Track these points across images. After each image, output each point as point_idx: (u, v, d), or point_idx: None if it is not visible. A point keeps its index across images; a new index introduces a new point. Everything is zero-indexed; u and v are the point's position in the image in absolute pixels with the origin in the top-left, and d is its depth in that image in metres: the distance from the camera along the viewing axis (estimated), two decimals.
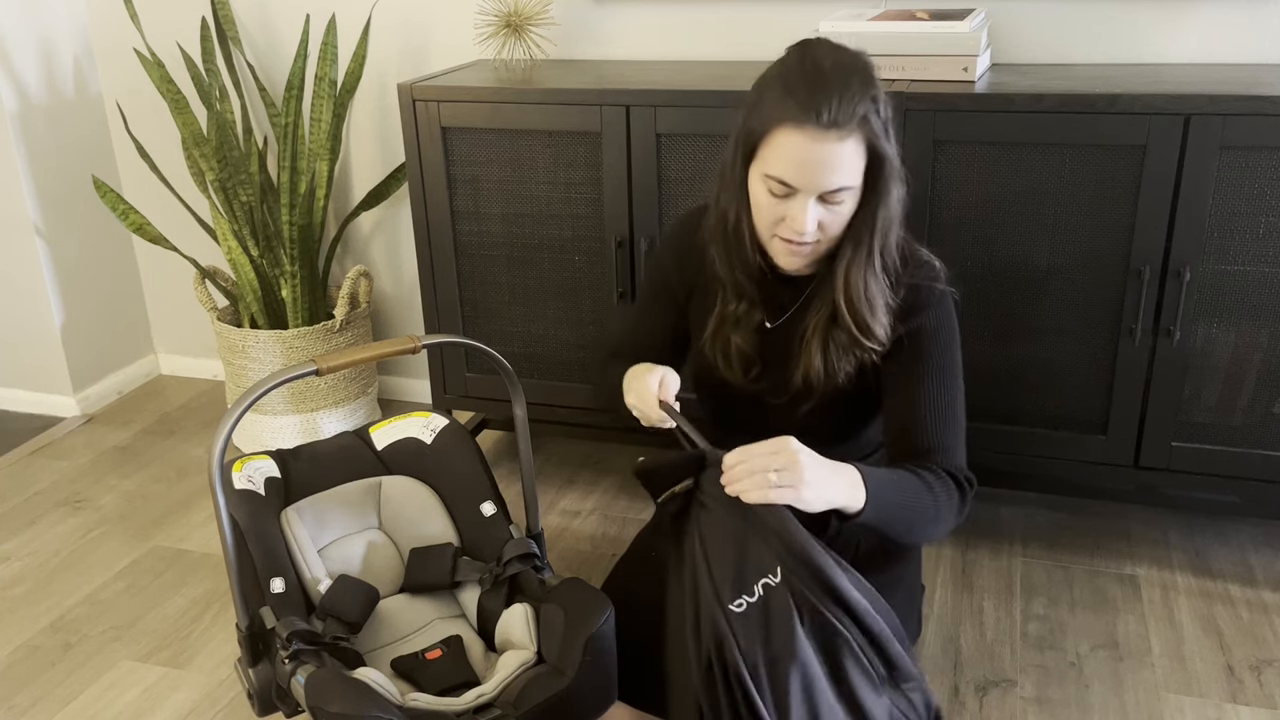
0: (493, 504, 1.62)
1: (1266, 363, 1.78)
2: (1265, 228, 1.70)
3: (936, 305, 1.44)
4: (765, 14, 2.19)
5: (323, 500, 1.65)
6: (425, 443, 1.70)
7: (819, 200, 1.34)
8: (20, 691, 1.78)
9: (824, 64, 1.32)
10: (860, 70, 1.33)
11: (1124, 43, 2.03)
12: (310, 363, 1.32)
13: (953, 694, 1.69)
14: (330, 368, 1.33)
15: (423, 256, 2.18)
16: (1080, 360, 1.86)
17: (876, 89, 1.33)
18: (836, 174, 1.32)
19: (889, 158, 1.34)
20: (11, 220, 2.60)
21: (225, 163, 2.38)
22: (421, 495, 1.68)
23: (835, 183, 1.32)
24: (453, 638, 1.53)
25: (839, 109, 1.29)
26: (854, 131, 1.30)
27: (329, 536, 1.64)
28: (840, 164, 1.31)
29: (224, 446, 1.28)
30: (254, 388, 1.28)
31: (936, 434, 1.43)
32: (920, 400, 1.44)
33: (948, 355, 1.45)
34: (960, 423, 1.46)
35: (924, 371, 1.44)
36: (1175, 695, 1.67)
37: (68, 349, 2.72)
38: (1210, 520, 2.12)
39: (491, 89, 2.02)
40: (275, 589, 1.46)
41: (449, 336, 1.44)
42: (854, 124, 1.30)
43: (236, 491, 1.55)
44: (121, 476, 2.46)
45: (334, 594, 1.51)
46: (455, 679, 1.44)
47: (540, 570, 1.53)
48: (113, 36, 2.65)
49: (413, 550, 1.63)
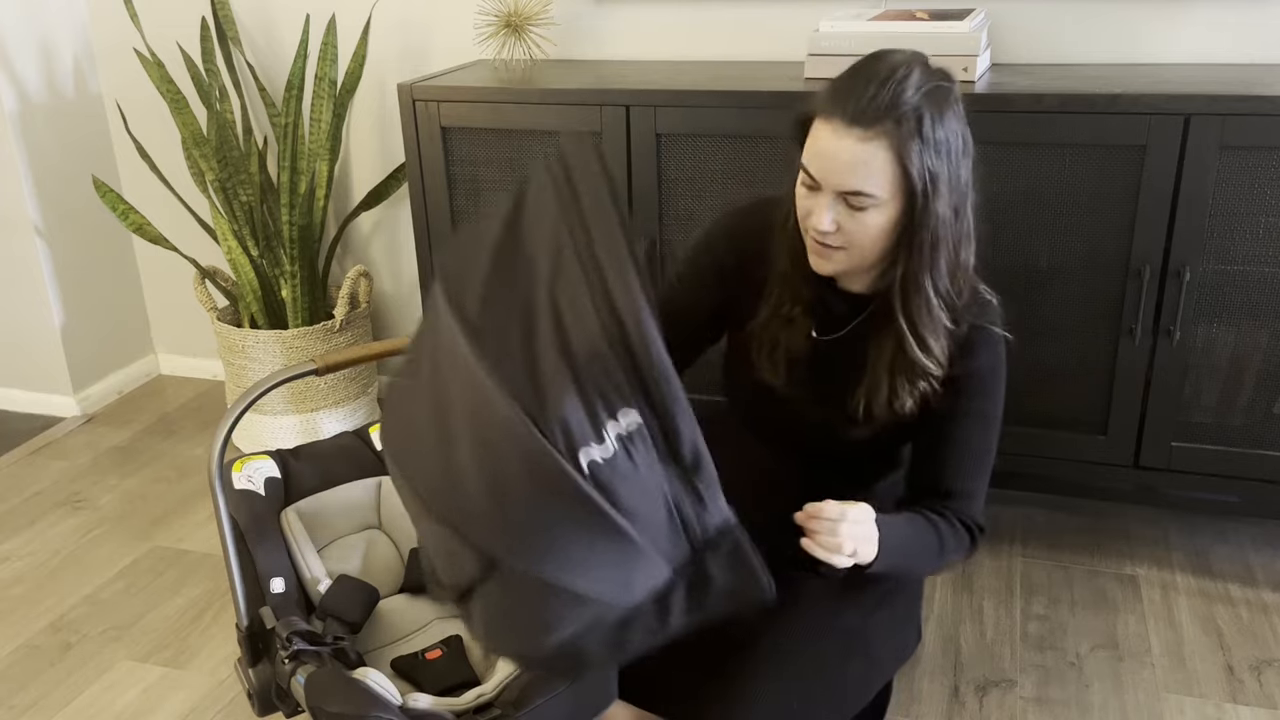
0: None
1: (1266, 363, 1.77)
2: (1265, 228, 1.70)
3: (992, 349, 1.40)
4: (765, 14, 2.19)
5: (323, 500, 1.65)
6: None
7: (841, 199, 1.28)
8: (20, 691, 1.78)
9: (881, 63, 1.26)
10: (918, 81, 1.24)
11: (1124, 43, 2.03)
12: (310, 362, 1.32)
13: (953, 694, 1.69)
14: (329, 366, 1.32)
15: (423, 256, 2.18)
16: (1080, 360, 1.86)
17: (933, 105, 1.24)
18: (854, 174, 1.25)
19: (928, 178, 1.25)
20: (11, 220, 2.60)
21: (225, 163, 2.38)
22: None
23: (853, 184, 1.25)
24: (452, 637, 1.52)
25: (868, 106, 1.22)
26: (881, 135, 1.23)
27: (329, 536, 1.64)
28: (859, 164, 1.24)
29: (223, 446, 1.28)
30: (254, 388, 1.28)
31: (962, 479, 1.41)
32: (956, 441, 1.41)
33: (991, 402, 1.42)
34: (987, 471, 1.43)
35: (966, 413, 1.41)
36: (1175, 695, 1.67)
37: (68, 349, 2.72)
38: (1210, 520, 2.12)
39: (491, 89, 2.02)
40: (275, 589, 1.46)
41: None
42: (881, 127, 1.22)
43: (237, 492, 1.55)
44: (121, 476, 2.46)
45: (334, 594, 1.51)
46: (455, 679, 1.44)
47: None
48: (113, 36, 2.65)
49: (413, 550, 1.62)
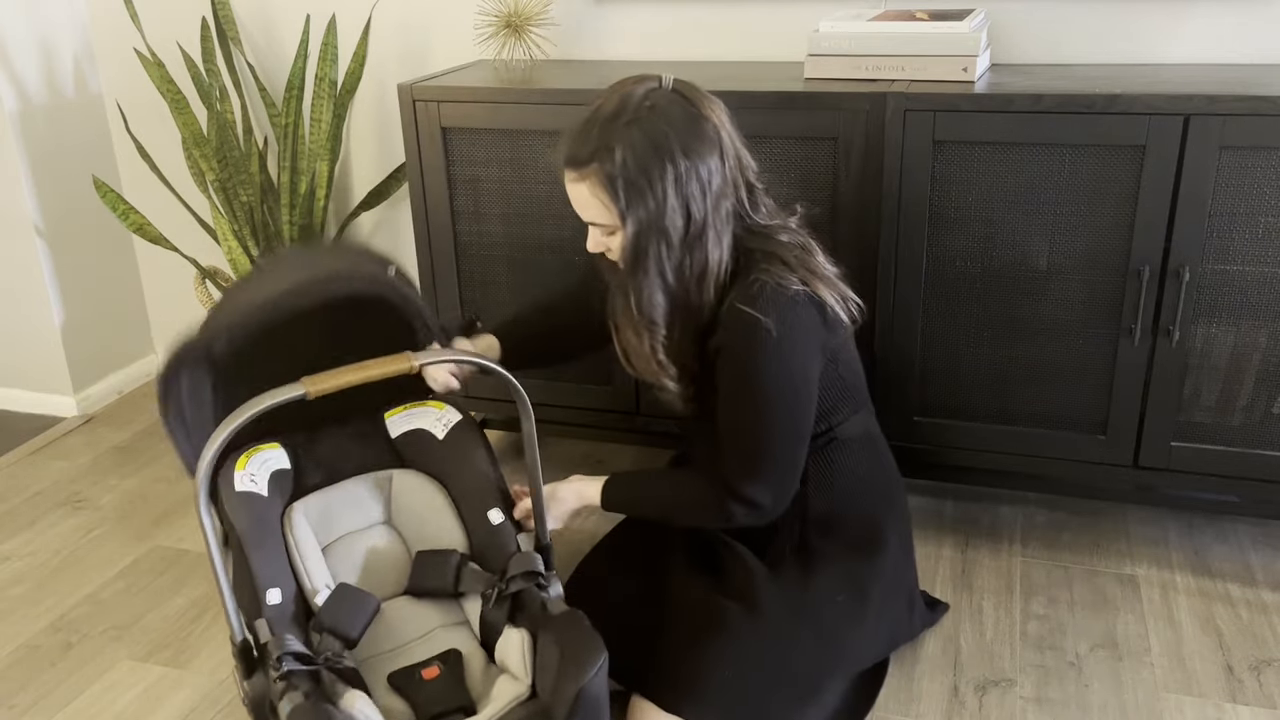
0: (500, 511, 1.59)
1: (1266, 363, 1.78)
2: (1265, 228, 1.70)
3: (741, 329, 1.44)
4: (765, 14, 2.19)
5: (332, 494, 1.64)
6: (437, 438, 1.68)
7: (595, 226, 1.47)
8: (20, 691, 1.78)
9: (600, 104, 1.42)
10: (629, 113, 1.38)
11: (1124, 43, 2.03)
12: (298, 385, 1.24)
13: (953, 694, 1.70)
14: (319, 390, 1.24)
15: (423, 257, 2.18)
16: (1080, 360, 1.86)
17: (638, 133, 1.37)
18: (584, 211, 1.45)
19: (628, 203, 1.39)
20: (11, 220, 2.60)
21: (225, 163, 2.38)
22: (430, 492, 1.66)
23: (587, 218, 1.45)
24: (452, 652, 1.50)
25: (578, 149, 1.41)
26: (586, 175, 1.40)
27: (336, 532, 1.63)
28: (581, 202, 1.44)
29: (208, 476, 1.23)
30: (236, 413, 1.22)
31: (724, 446, 1.52)
32: (718, 409, 1.52)
33: (741, 378, 1.48)
34: (752, 445, 1.50)
35: (720, 385, 1.50)
36: (1175, 695, 1.67)
37: (68, 349, 2.72)
38: (1210, 520, 2.12)
39: (491, 89, 2.02)
40: (271, 600, 1.43)
41: (448, 353, 1.40)
42: (587, 168, 1.40)
43: (237, 494, 1.53)
44: (121, 476, 2.46)
45: (331, 607, 1.47)
46: (449, 703, 1.42)
47: (544, 587, 1.48)
48: (113, 36, 2.65)
49: (419, 553, 1.61)
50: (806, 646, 1.53)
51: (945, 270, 1.87)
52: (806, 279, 1.46)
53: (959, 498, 2.23)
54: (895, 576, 1.66)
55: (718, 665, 1.48)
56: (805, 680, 1.53)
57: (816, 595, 1.57)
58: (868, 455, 1.66)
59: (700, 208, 1.41)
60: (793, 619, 1.54)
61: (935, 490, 2.25)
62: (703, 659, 1.49)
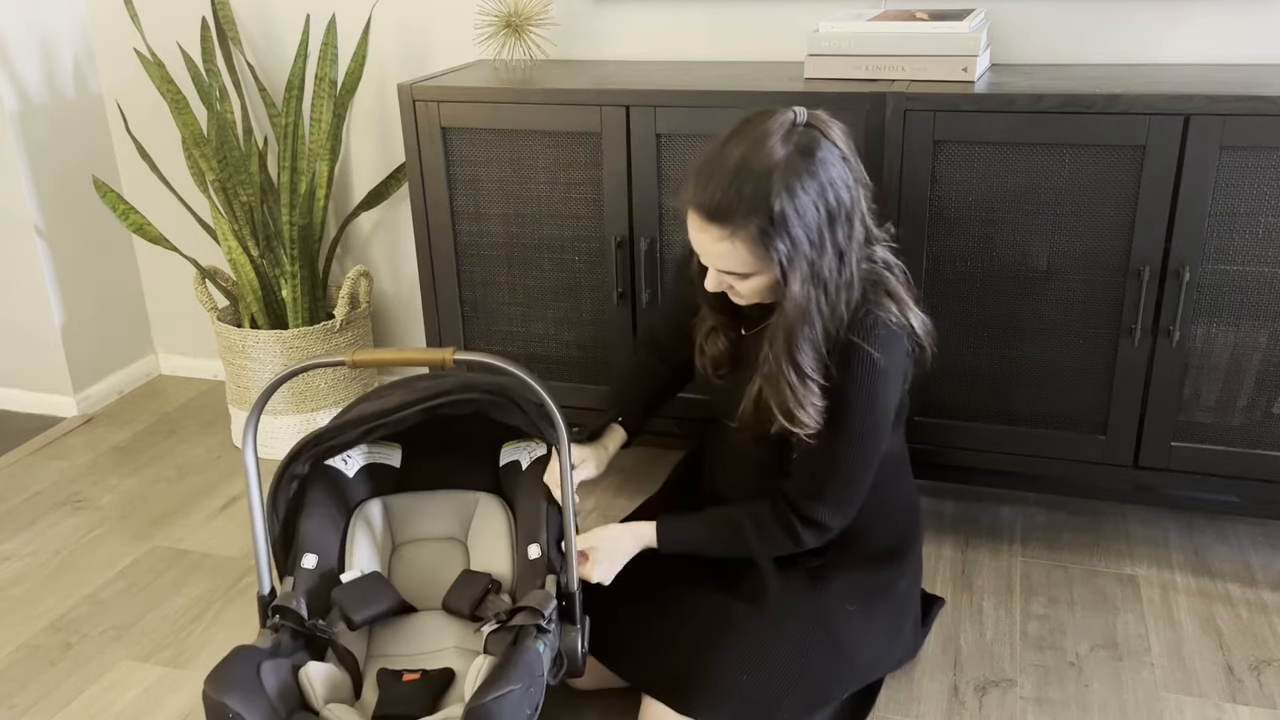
0: (539, 548, 1.58)
1: (1266, 363, 1.78)
2: (1265, 228, 1.70)
3: (848, 363, 1.42)
4: (765, 14, 2.19)
5: (422, 499, 1.73)
6: (522, 468, 1.72)
7: (721, 271, 1.41)
8: (20, 691, 1.78)
9: (730, 156, 1.34)
10: (770, 162, 1.31)
11: (1123, 43, 2.03)
12: (341, 354, 1.35)
13: (953, 694, 1.70)
14: (359, 362, 1.33)
15: (423, 256, 2.18)
16: (1080, 360, 1.86)
17: (786, 180, 1.31)
18: (722, 261, 1.38)
19: (787, 253, 1.33)
20: (11, 220, 2.60)
21: (225, 163, 2.38)
22: (500, 520, 1.70)
23: (724, 267, 1.39)
24: (444, 670, 1.50)
25: (721, 203, 1.33)
26: (735, 231, 1.34)
27: (411, 534, 1.71)
28: (723, 255, 1.37)
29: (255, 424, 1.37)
30: (282, 375, 1.34)
31: (802, 478, 1.50)
32: (809, 443, 1.46)
33: (845, 413, 1.44)
34: (838, 479, 1.48)
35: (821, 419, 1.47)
36: (1175, 695, 1.67)
37: (68, 349, 2.72)
38: (1210, 520, 2.12)
39: (491, 89, 2.02)
40: (306, 564, 1.52)
41: (489, 357, 1.36)
42: (734, 224, 1.33)
43: (324, 466, 1.63)
44: (121, 476, 2.46)
45: (350, 586, 1.55)
46: (407, 709, 1.42)
47: (544, 631, 1.42)
48: (113, 36, 2.65)
49: (462, 572, 1.64)
50: (817, 651, 1.53)
51: (945, 270, 1.87)
52: (903, 309, 1.45)
53: (959, 498, 2.23)
54: (908, 594, 1.66)
55: (729, 666, 1.48)
56: (816, 684, 1.52)
57: (828, 602, 1.56)
58: (899, 474, 1.66)
59: (849, 250, 1.38)
60: (803, 623, 1.53)
61: (935, 490, 2.25)
62: (714, 660, 1.49)
